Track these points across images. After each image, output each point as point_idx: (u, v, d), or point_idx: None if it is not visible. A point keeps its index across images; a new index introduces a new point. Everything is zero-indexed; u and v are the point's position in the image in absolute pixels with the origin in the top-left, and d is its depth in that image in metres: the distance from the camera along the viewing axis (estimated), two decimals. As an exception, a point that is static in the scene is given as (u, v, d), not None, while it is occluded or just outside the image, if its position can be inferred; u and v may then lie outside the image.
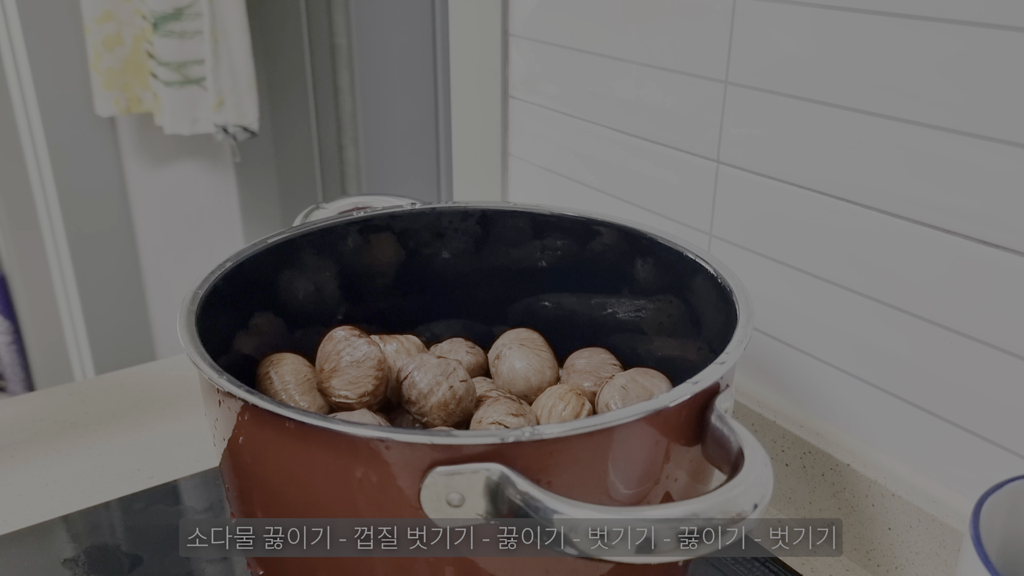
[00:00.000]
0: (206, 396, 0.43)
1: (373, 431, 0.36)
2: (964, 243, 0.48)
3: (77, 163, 1.60)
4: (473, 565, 0.39)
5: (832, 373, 0.57)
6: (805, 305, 0.58)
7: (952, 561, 0.51)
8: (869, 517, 0.55)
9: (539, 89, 0.77)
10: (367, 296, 0.59)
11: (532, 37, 0.76)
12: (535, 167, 0.80)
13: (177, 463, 0.65)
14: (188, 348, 0.42)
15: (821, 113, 0.53)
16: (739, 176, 0.60)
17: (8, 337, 1.97)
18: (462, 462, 0.35)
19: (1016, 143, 0.45)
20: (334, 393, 0.50)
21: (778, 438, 0.60)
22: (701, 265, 0.51)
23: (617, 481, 0.39)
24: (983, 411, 0.49)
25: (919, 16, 0.47)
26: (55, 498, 0.62)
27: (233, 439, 0.41)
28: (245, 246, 0.53)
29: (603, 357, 0.56)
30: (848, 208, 0.54)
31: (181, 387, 0.75)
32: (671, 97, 0.64)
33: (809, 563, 0.57)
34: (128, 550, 0.57)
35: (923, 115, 0.48)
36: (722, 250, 0.63)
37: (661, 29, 0.63)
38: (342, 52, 1.37)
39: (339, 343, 0.50)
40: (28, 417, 0.71)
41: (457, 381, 0.50)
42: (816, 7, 0.52)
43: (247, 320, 0.52)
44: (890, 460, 0.55)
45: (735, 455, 0.37)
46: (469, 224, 0.59)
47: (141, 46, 1.45)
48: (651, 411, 0.38)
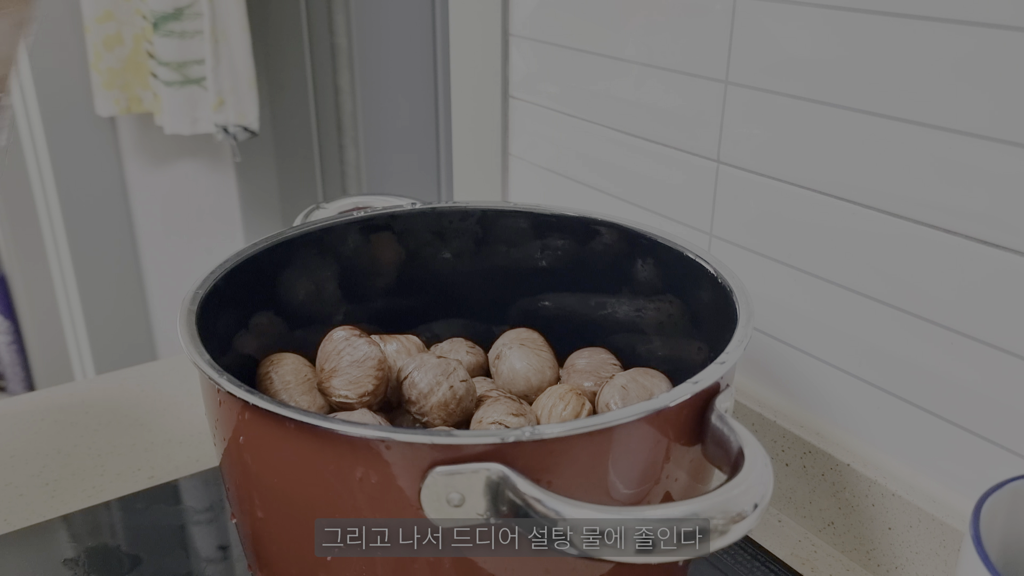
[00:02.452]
0: (206, 396, 0.43)
1: (373, 431, 0.36)
2: (965, 243, 0.48)
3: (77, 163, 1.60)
4: (473, 565, 0.39)
5: (832, 373, 0.57)
6: (805, 305, 0.58)
7: (952, 561, 0.51)
8: (869, 517, 0.55)
9: (539, 89, 0.77)
10: (367, 296, 0.59)
11: (532, 37, 0.76)
12: (535, 167, 0.80)
13: (177, 463, 0.65)
14: (188, 348, 0.42)
15: (821, 113, 0.53)
16: (739, 176, 0.60)
17: (8, 337, 1.97)
18: (462, 462, 0.35)
19: (1017, 143, 0.45)
20: (334, 393, 0.50)
21: (778, 438, 0.60)
22: (701, 265, 0.51)
23: (617, 481, 0.39)
24: (983, 411, 0.49)
25: (919, 16, 0.47)
26: (55, 498, 0.62)
27: (233, 439, 0.41)
28: (245, 246, 0.53)
29: (603, 357, 0.56)
30: (848, 208, 0.54)
31: (181, 387, 0.75)
32: (671, 97, 0.64)
33: (809, 563, 0.57)
34: (128, 550, 0.57)
35: (923, 115, 0.48)
36: (722, 250, 0.63)
37: (661, 29, 0.63)
38: (342, 52, 1.38)
39: (339, 343, 0.50)
40: (28, 417, 0.71)
41: (457, 381, 0.50)
42: (816, 7, 0.52)
43: (247, 320, 0.52)
44: (890, 460, 0.55)
45: (735, 455, 0.37)
46: (469, 224, 0.59)
47: (141, 46, 1.45)
48: (651, 411, 0.38)
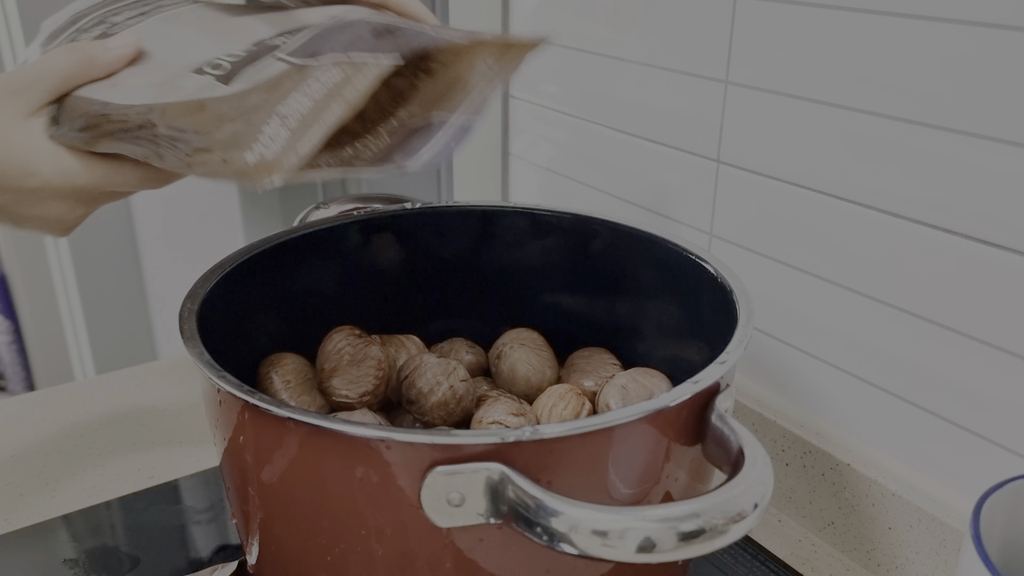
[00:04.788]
0: (206, 396, 0.43)
1: (373, 431, 0.36)
2: (964, 243, 0.48)
3: (77, 163, 1.60)
4: (473, 565, 0.39)
5: (832, 373, 0.57)
6: (805, 305, 0.58)
7: (952, 561, 0.51)
8: (869, 517, 0.55)
9: (539, 89, 0.77)
10: (367, 296, 0.59)
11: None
12: (535, 167, 0.80)
13: (177, 463, 0.65)
14: (188, 348, 0.42)
15: (821, 113, 0.53)
16: (739, 176, 0.60)
17: (8, 337, 1.97)
18: (462, 462, 0.35)
19: (1016, 143, 0.45)
20: (335, 393, 0.50)
21: (778, 438, 0.60)
22: (701, 265, 0.51)
23: (617, 481, 0.39)
24: (983, 411, 0.50)
25: (919, 16, 0.47)
26: (55, 498, 0.62)
27: (233, 439, 0.41)
28: (245, 246, 0.53)
29: (603, 357, 0.56)
30: (848, 208, 0.54)
31: (181, 387, 0.75)
32: (671, 97, 0.64)
33: (809, 563, 0.57)
34: (128, 550, 0.57)
35: (923, 115, 0.48)
36: (722, 250, 0.63)
37: (661, 29, 0.63)
38: (342, 52, 1.37)
39: (339, 343, 0.50)
40: (28, 417, 0.71)
41: (457, 381, 0.50)
42: (816, 7, 0.52)
43: (247, 320, 0.52)
44: (890, 460, 0.55)
45: (735, 455, 0.37)
46: (469, 224, 0.59)
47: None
48: (651, 411, 0.38)
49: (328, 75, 0.41)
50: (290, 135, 0.40)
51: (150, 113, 0.42)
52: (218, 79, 0.43)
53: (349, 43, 0.43)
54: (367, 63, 0.42)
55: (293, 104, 0.40)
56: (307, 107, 0.40)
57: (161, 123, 0.42)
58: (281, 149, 0.40)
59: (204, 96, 0.42)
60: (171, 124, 0.42)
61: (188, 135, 0.41)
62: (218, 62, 0.44)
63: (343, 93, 0.41)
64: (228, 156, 0.40)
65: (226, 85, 0.42)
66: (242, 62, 0.44)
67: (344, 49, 0.43)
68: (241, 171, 0.40)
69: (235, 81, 0.42)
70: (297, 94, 0.41)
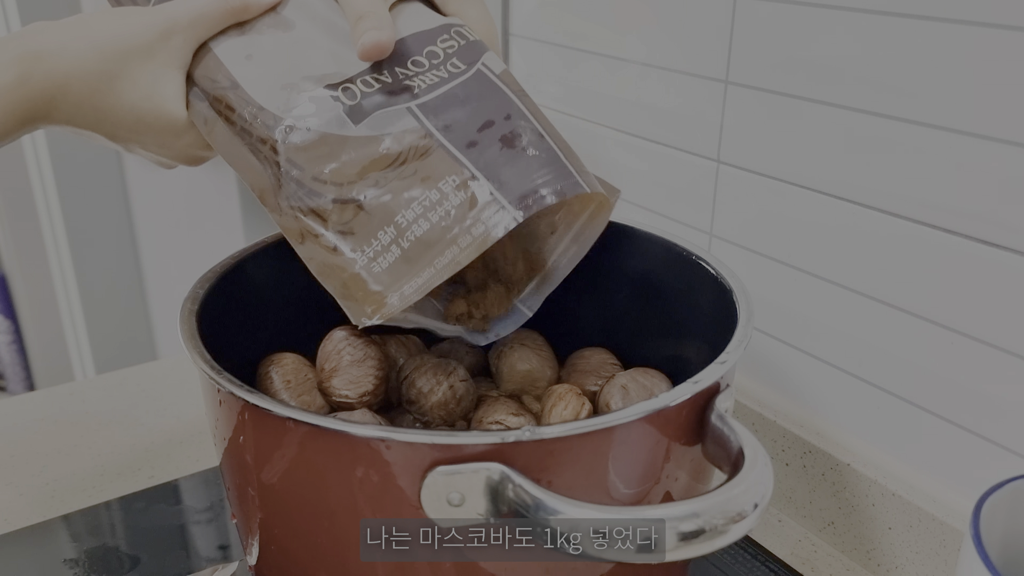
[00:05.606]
0: (206, 396, 0.43)
1: (373, 431, 0.36)
2: (964, 243, 0.48)
3: (77, 163, 1.60)
4: (473, 565, 0.39)
5: (832, 373, 0.57)
6: (805, 305, 0.58)
7: (952, 561, 0.51)
8: (869, 517, 0.55)
9: (539, 89, 0.77)
10: (367, 296, 0.59)
11: (532, 37, 0.76)
12: (535, 167, 0.80)
13: (177, 463, 0.65)
14: (188, 348, 0.42)
15: (821, 113, 0.53)
16: (739, 176, 0.60)
17: (8, 337, 1.97)
18: (463, 462, 0.35)
19: (1016, 143, 0.45)
20: (334, 393, 0.50)
21: (778, 438, 0.60)
22: (701, 265, 0.51)
23: (617, 481, 0.39)
24: (983, 411, 0.50)
25: (919, 15, 0.47)
26: (55, 498, 0.62)
27: (233, 439, 0.41)
28: (245, 246, 0.53)
29: (603, 357, 0.56)
30: (848, 208, 0.54)
31: (181, 387, 0.75)
32: (671, 97, 0.64)
33: (809, 563, 0.57)
34: (128, 550, 0.57)
35: (923, 114, 0.48)
36: (722, 250, 0.63)
37: (661, 29, 0.63)
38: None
39: (339, 343, 0.50)
40: (28, 417, 0.71)
41: (457, 381, 0.50)
42: (816, 7, 0.52)
43: (247, 320, 0.52)
44: (890, 460, 0.55)
45: (735, 455, 0.37)
46: (469, 224, 0.59)
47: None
48: (651, 411, 0.38)
49: (455, 198, 0.38)
50: (400, 257, 0.37)
51: (277, 126, 0.40)
52: (347, 113, 0.40)
53: (487, 143, 0.39)
54: (499, 222, 0.38)
55: (411, 216, 0.38)
56: (424, 230, 0.38)
57: (283, 151, 0.40)
58: (388, 277, 0.37)
59: (330, 131, 0.40)
60: (291, 157, 0.40)
61: (306, 179, 0.39)
62: (348, 86, 0.41)
63: (459, 242, 0.37)
64: (339, 245, 0.39)
65: (354, 125, 0.40)
66: (374, 94, 0.41)
67: (480, 149, 0.39)
68: (347, 285, 0.38)
69: (363, 123, 0.40)
70: (417, 206, 0.38)
